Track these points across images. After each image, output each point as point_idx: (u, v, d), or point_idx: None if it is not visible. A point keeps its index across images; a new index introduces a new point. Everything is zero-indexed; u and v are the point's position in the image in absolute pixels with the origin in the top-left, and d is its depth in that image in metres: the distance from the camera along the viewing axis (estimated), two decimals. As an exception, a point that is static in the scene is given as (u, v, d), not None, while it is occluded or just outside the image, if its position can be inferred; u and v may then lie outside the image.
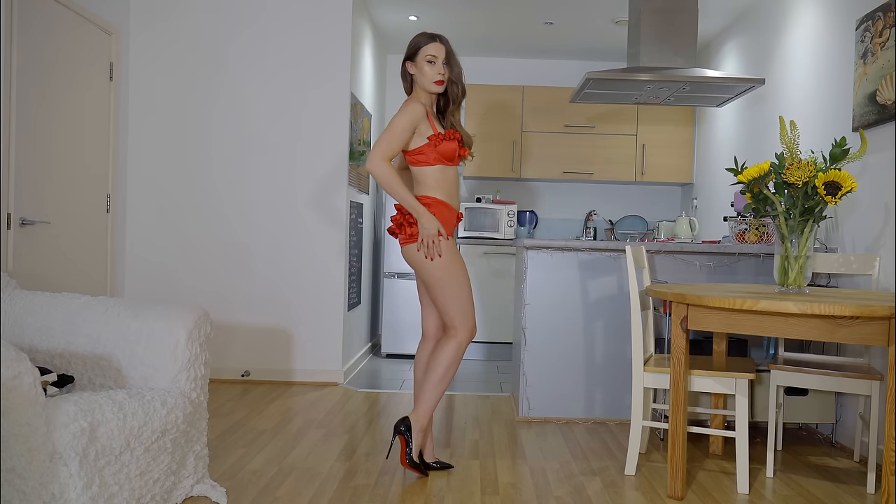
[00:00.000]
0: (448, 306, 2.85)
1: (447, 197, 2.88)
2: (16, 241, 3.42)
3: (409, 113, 2.81)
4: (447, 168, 2.87)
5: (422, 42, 2.86)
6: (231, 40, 4.66)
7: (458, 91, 2.91)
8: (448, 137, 2.84)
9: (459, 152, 2.87)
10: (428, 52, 2.84)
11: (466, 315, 2.87)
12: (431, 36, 2.87)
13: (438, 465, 2.99)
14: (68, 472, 1.98)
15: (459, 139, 2.86)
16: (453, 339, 2.86)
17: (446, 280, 2.83)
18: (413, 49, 2.87)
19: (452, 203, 2.89)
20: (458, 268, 2.86)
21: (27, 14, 3.44)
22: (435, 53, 2.84)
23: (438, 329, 3.01)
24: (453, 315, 2.85)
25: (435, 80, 2.84)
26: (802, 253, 2.68)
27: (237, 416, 3.79)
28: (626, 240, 5.68)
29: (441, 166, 2.86)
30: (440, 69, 2.84)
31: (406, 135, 2.81)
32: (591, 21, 5.50)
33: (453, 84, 2.89)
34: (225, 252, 4.68)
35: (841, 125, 3.73)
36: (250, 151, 4.67)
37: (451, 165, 2.88)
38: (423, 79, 2.86)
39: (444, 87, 2.87)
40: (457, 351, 2.88)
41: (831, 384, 2.97)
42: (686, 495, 2.80)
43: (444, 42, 2.88)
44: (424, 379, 2.89)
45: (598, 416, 3.91)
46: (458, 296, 2.85)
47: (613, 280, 3.88)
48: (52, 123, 3.68)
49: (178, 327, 2.49)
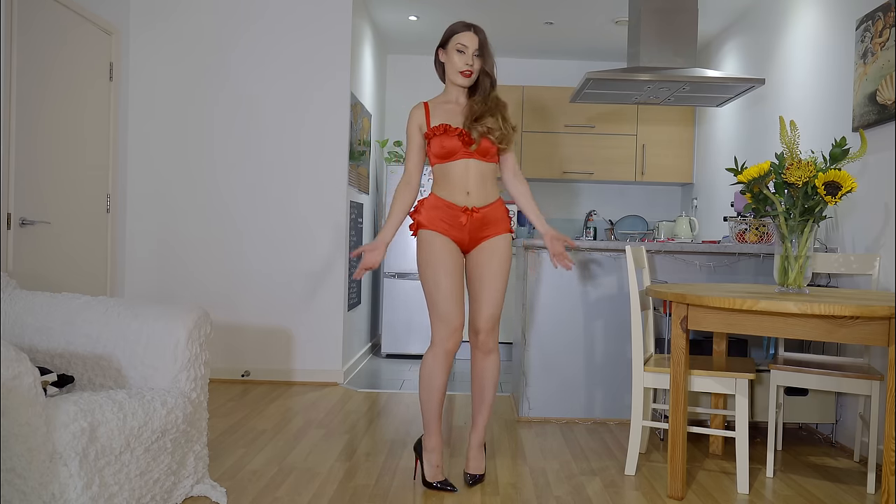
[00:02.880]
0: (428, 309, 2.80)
1: (447, 194, 2.76)
2: (16, 241, 3.42)
3: (409, 120, 2.82)
4: (446, 165, 2.76)
5: (456, 29, 2.75)
6: (231, 40, 4.66)
7: (489, 84, 2.78)
8: (438, 133, 2.74)
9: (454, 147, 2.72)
10: (459, 41, 2.73)
11: (436, 320, 2.71)
12: (467, 25, 2.74)
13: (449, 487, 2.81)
14: (68, 472, 1.98)
15: (460, 133, 2.73)
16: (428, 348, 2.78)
17: (422, 281, 2.78)
18: (447, 36, 2.76)
19: (454, 200, 2.76)
20: (430, 269, 2.73)
21: (27, 14, 3.44)
22: (466, 43, 2.72)
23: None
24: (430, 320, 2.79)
25: (461, 71, 2.73)
26: (802, 253, 2.68)
27: (237, 416, 3.79)
28: (626, 240, 5.68)
29: (439, 164, 2.77)
30: (469, 60, 2.74)
31: (415, 144, 2.81)
32: (591, 21, 5.50)
33: (486, 76, 2.78)
34: (225, 252, 4.68)
35: (841, 125, 3.73)
36: (250, 151, 4.67)
37: (448, 162, 2.75)
38: (450, 68, 2.77)
39: (470, 79, 2.76)
40: (425, 359, 2.75)
41: (831, 384, 2.97)
42: (686, 495, 2.80)
43: (478, 33, 2.74)
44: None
45: (598, 416, 3.91)
46: (429, 300, 2.74)
47: (613, 280, 3.88)
48: (52, 123, 3.68)
49: (178, 327, 2.49)
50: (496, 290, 2.78)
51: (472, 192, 2.76)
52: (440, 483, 2.78)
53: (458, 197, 2.76)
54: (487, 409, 2.87)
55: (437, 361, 2.73)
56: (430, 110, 2.81)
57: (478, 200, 2.77)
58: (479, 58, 2.75)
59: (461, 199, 2.76)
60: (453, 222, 2.76)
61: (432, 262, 2.73)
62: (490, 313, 2.78)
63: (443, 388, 2.76)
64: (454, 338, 2.72)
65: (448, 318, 2.70)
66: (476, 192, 2.77)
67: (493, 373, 2.85)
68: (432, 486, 2.78)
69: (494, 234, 2.79)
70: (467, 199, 2.76)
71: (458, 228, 2.76)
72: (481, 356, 2.84)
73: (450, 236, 2.77)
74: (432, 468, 2.79)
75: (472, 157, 2.75)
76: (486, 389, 2.86)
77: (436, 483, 2.78)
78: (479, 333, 2.81)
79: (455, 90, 2.82)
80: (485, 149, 2.75)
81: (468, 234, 2.77)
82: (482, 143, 2.73)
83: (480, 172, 2.77)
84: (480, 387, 2.86)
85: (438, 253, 2.73)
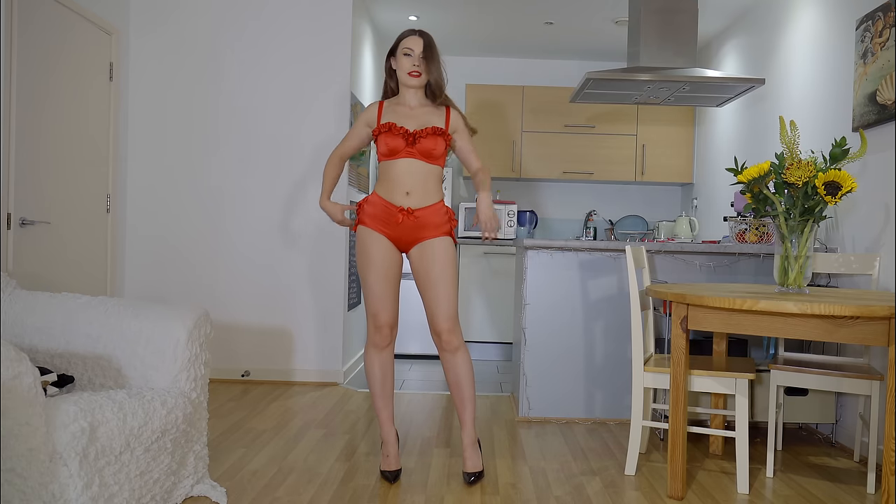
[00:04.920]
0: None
1: (386, 193, 2.85)
2: (16, 241, 3.42)
3: (362, 112, 2.96)
4: (390, 163, 2.84)
5: (403, 35, 2.89)
6: (231, 41, 4.66)
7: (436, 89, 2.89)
8: (384, 130, 2.83)
9: (396, 146, 2.81)
10: (406, 45, 2.86)
11: (367, 316, 2.89)
12: (412, 30, 2.89)
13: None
14: (68, 472, 1.98)
15: (405, 132, 2.81)
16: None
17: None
18: (395, 44, 2.90)
19: (392, 199, 2.83)
20: (361, 268, 2.87)
21: (27, 14, 3.44)
22: (412, 46, 2.85)
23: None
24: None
25: (409, 72, 2.85)
26: (802, 253, 2.68)
27: (237, 416, 3.79)
28: (626, 240, 5.68)
29: (384, 161, 2.87)
30: (416, 61, 2.84)
31: (355, 132, 2.97)
32: (591, 21, 5.50)
33: (431, 77, 2.88)
34: (225, 252, 4.68)
35: (841, 125, 3.73)
36: (250, 151, 4.67)
37: (392, 160, 2.84)
38: (400, 71, 2.88)
39: (420, 79, 2.86)
40: (365, 354, 2.95)
41: (831, 384, 2.97)
42: (686, 495, 2.80)
43: (423, 36, 2.87)
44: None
45: (598, 416, 3.91)
46: (363, 296, 2.87)
47: (613, 280, 3.88)
48: (52, 123, 3.68)
49: (178, 327, 2.49)
50: (446, 289, 2.85)
51: (411, 193, 2.84)
52: (389, 473, 2.89)
53: (398, 196, 2.84)
54: (470, 405, 2.92)
55: (369, 355, 2.93)
56: (383, 109, 2.93)
57: (416, 202, 2.85)
58: (424, 60, 2.85)
59: (400, 199, 2.84)
60: (389, 220, 2.84)
61: (363, 261, 2.87)
62: (446, 313, 2.85)
63: (382, 381, 2.93)
64: (381, 333, 2.88)
65: (374, 314, 2.87)
66: (416, 193, 2.85)
67: (465, 369, 2.90)
68: (383, 475, 2.91)
69: (432, 235, 2.86)
70: (406, 199, 2.84)
71: (392, 227, 2.85)
72: (449, 356, 2.90)
73: (384, 234, 2.87)
74: (383, 458, 2.94)
75: (415, 157, 2.83)
76: (462, 387, 2.90)
77: (381, 472, 2.92)
78: (441, 334, 2.87)
79: (407, 92, 2.92)
80: (427, 150, 2.83)
81: (403, 234, 2.86)
82: (425, 143, 2.82)
83: (422, 173, 2.85)
84: (457, 385, 2.91)
85: (370, 251, 2.86)
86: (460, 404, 2.92)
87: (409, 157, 2.83)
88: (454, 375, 2.90)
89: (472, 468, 2.88)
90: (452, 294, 2.86)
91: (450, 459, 3.15)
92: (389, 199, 2.84)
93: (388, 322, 2.87)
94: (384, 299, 2.86)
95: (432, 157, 2.85)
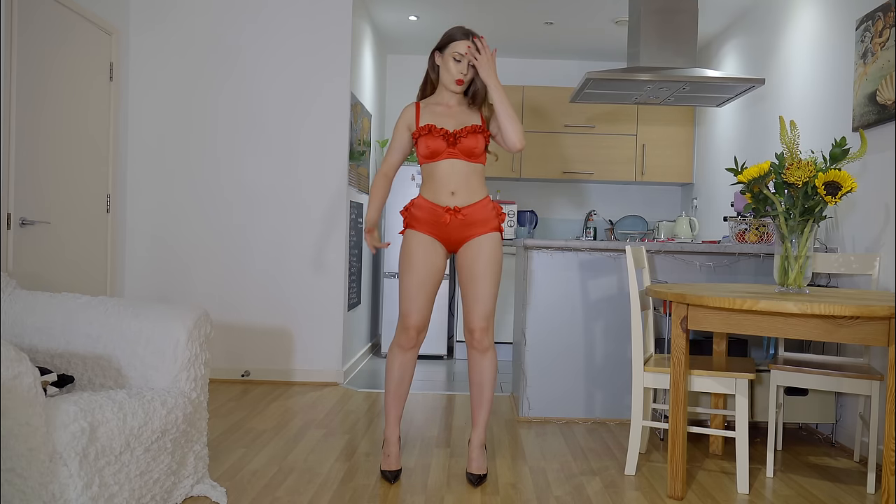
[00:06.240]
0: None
1: (431, 195, 2.83)
2: (16, 241, 3.42)
3: (400, 117, 2.90)
4: (432, 165, 2.82)
5: (455, 37, 2.79)
6: (230, 41, 4.66)
7: (481, 93, 2.86)
8: (423, 133, 2.81)
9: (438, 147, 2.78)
10: (456, 49, 2.77)
11: (399, 316, 2.88)
12: (466, 33, 2.78)
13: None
14: (68, 472, 1.98)
15: (445, 133, 2.78)
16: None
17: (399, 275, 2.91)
18: (444, 41, 2.81)
19: (438, 200, 2.82)
20: (402, 268, 2.86)
21: (27, 14, 3.44)
22: (463, 52, 2.77)
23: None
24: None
25: (456, 80, 2.80)
26: (802, 253, 2.68)
27: (237, 416, 3.79)
28: (626, 240, 5.68)
29: (426, 164, 2.84)
30: (464, 69, 2.79)
31: (397, 143, 2.91)
32: (591, 21, 5.50)
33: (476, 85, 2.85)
34: (225, 252, 4.68)
35: (841, 125, 3.73)
36: (250, 151, 4.67)
37: (434, 161, 2.81)
38: (444, 74, 2.82)
39: (462, 87, 2.83)
40: (389, 351, 2.94)
41: (831, 384, 2.97)
42: (686, 495, 2.80)
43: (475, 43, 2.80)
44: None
45: (598, 416, 3.91)
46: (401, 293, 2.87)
47: (613, 280, 3.88)
48: (52, 123, 3.68)
49: (178, 327, 2.49)
50: (486, 288, 2.84)
51: (456, 192, 2.82)
52: (389, 473, 2.87)
53: (443, 197, 2.83)
54: (487, 407, 2.93)
55: (392, 354, 2.91)
56: (420, 111, 2.88)
57: (462, 200, 2.83)
58: (473, 67, 2.81)
59: (445, 199, 2.82)
60: (436, 221, 2.82)
61: (404, 262, 2.85)
62: (482, 312, 2.84)
63: (399, 381, 2.90)
64: (407, 334, 2.85)
65: (404, 315, 2.84)
66: (461, 192, 2.83)
67: (490, 371, 2.92)
68: (383, 474, 2.90)
69: (480, 232, 2.84)
70: (451, 198, 2.82)
71: (440, 228, 2.83)
72: (478, 355, 2.90)
73: (433, 236, 2.84)
74: (384, 457, 2.91)
75: (457, 157, 2.81)
76: (484, 388, 2.91)
77: (382, 472, 2.90)
78: (474, 332, 2.87)
79: (446, 93, 2.88)
80: (469, 149, 2.81)
81: (452, 233, 2.84)
82: (466, 143, 2.80)
83: (465, 172, 2.83)
84: (479, 385, 2.92)
85: (413, 253, 2.83)
86: (477, 405, 2.93)
87: (452, 158, 2.81)
88: (478, 375, 2.91)
89: (478, 469, 2.88)
90: (492, 293, 2.85)
91: (450, 460, 3.15)
92: (435, 201, 2.83)
93: (417, 325, 2.84)
94: (417, 302, 2.82)
95: (474, 156, 2.83)
